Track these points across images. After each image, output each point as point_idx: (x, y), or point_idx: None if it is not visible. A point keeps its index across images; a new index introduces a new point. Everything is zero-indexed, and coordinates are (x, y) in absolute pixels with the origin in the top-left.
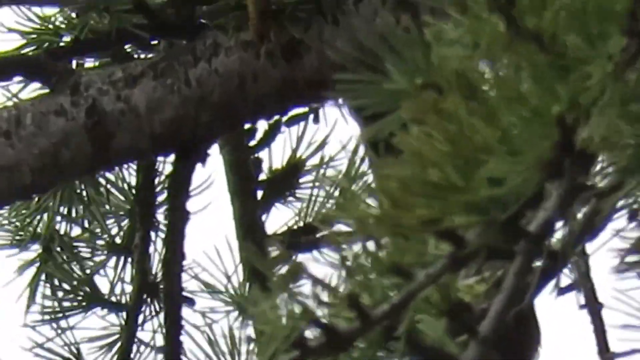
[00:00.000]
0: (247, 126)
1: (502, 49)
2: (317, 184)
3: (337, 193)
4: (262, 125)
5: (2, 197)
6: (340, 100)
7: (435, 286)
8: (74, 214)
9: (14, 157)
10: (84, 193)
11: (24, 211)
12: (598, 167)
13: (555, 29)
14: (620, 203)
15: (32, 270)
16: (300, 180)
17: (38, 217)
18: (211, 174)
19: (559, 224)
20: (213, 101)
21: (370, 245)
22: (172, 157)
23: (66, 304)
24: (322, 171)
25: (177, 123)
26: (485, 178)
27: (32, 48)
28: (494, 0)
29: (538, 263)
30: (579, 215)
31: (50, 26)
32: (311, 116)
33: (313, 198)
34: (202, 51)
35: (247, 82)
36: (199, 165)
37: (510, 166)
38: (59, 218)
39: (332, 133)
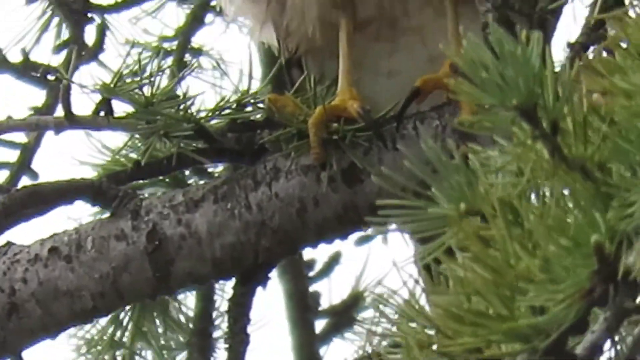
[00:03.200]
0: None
1: (546, 176)
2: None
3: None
4: (321, 256)
5: (63, 321)
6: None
7: None
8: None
9: (74, 281)
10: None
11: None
12: None
13: (600, 157)
14: None
15: None
16: (360, 316)
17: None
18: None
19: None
20: (273, 226)
21: None
22: (232, 282)
23: None
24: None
25: (238, 248)
26: (528, 306)
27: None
28: (538, 127)
29: None
30: (629, 338)
31: (122, 159)
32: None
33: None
34: (263, 175)
35: (307, 207)
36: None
37: (550, 295)
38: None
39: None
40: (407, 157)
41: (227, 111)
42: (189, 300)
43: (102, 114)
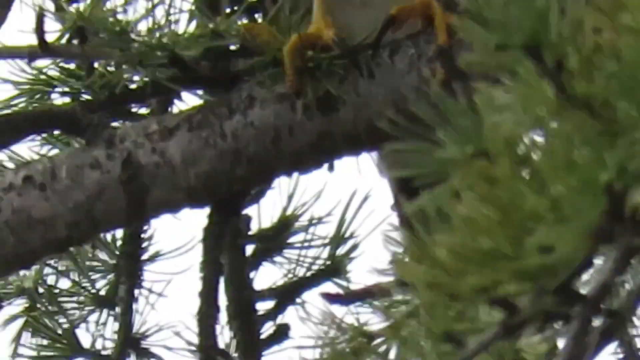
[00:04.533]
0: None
1: (552, 115)
2: (305, 244)
3: (325, 254)
4: None
5: (37, 250)
6: (380, 171)
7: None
8: (61, 267)
9: (48, 210)
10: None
11: None
12: None
13: (606, 95)
14: None
15: (17, 323)
16: (290, 240)
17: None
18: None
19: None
20: (248, 154)
21: (422, 311)
22: (206, 210)
23: (48, 353)
24: (311, 230)
25: (213, 176)
26: (535, 246)
27: (23, 99)
28: (543, 66)
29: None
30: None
31: (43, 77)
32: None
33: (301, 259)
34: (237, 104)
35: (282, 136)
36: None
37: (559, 234)
38: (46, 271)
39: (323, 191)
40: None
41: (201, 39)
42: None
43: (75, 42)
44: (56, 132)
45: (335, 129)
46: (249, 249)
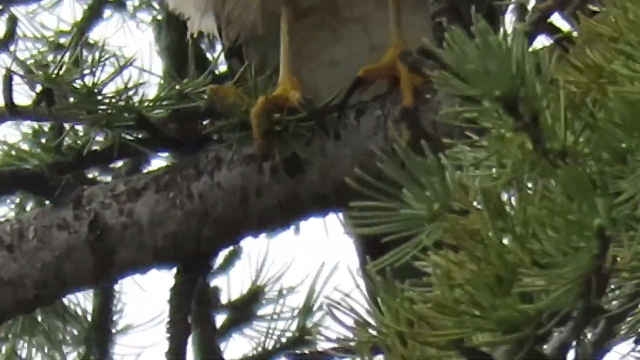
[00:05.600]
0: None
1: (530, 168)
2: (275, 316)
3: (294, 326)
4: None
5: (6, 311)
6: (346, 229)
7: None
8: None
9: (17, 270)
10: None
11: None
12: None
13: (585, 147)
14: (628, 327)
15: None
16: (259, 312)
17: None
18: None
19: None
20: (215, 215)
21: None
22: (173, 271)
23: None
24: (280, 301)
25: (180, 237)
26: (517, 295)
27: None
28: (521, 120)
29: None
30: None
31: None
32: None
33: (271, 331)
34: (205, 165)
35: (250, 197)
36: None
37: (551, 279)
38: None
39: (293, 263)
40: (377, 155)
41: (168, 101)
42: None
43: (42, 104)
44: None
45: (302, 190)
46: (220, 320)
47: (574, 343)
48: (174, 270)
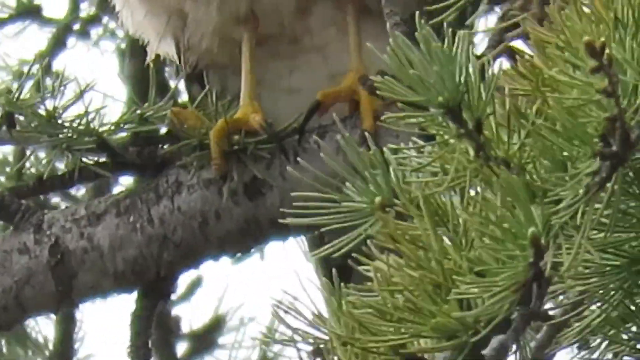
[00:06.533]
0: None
1: (473, 174)
2: (236, 345)
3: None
4: (183, 280)
5: None
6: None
7: None
8: None
9: None
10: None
11: None
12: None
13: (526, 155)
14: (572, 332)
15: None
16: (220, 341)
17: None
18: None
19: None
20: (176, 240)
21: None
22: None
23: None
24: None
25: (140, 262)
26: (456, 302)
27: None
28: (463, 127)
29: None
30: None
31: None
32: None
33: None
34: (165, 189)
35: (209, 221)
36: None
37: (486, 287)
38: None
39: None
40: (325, 152)
41: (129, 125)
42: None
43: (3, 128)
44: None
45: (262, 213)
46: (181, 348)
47: (515, 348)
48: (135, 294)
